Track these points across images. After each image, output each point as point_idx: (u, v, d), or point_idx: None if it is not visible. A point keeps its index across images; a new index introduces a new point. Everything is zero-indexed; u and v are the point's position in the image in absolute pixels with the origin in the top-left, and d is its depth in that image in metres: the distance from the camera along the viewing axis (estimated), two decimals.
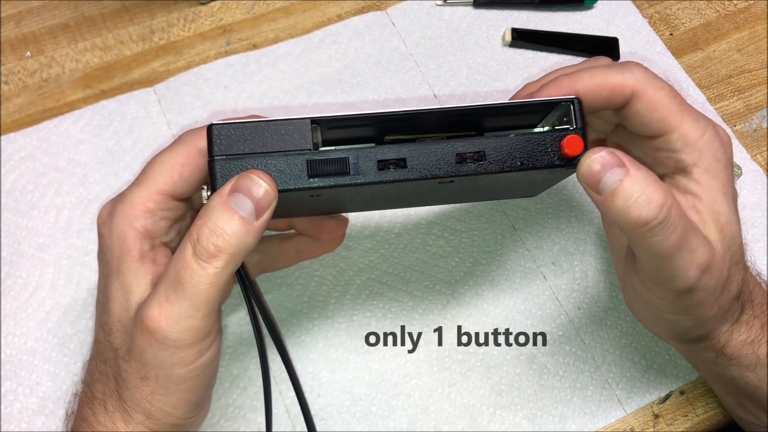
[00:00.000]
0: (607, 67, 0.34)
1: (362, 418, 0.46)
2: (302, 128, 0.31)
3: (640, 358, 0.48)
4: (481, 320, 0.49)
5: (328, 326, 0.49)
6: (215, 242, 0.29)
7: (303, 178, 0.30)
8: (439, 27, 0.61)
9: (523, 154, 0.31)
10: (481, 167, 0.31)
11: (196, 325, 0.31)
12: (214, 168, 0.30)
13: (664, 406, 0.47)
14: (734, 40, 0.62)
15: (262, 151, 0.30)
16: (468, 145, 0.31)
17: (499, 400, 0.47)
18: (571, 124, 0.32)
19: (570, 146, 0.31)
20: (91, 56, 0.59)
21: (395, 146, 0.31)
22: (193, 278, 0.30)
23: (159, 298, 0.30)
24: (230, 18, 0.61)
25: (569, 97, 0.33)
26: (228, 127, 0.31)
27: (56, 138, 0.55)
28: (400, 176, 0.31)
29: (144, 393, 0.32)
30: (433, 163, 0.31)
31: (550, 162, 0.31)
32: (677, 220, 0.31)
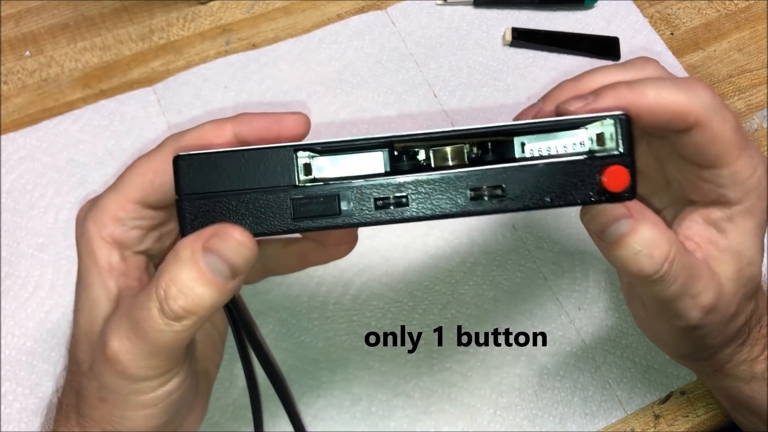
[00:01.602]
0: (672, 83, 0.29)
1: (362, 419, 0.46)
2: (284, 158, 0.27)
3: (641, 358, 0.48)
4: (482, 320, 0.49)
5: (328, 326, 0.49)
6: (184, 304, 0.27)
7: (286, 220, 0.26)
8: (439, 26, 0.61)
9: (552, 187, 0.26)
10: (501, 204, 0.26)
11: (155, 364, 0.29)
12: (182, 210, 0.27)
13: (665, 407, 0.47)
14: (735, 40, 0.61)
15: (238, 189, 0.26)
16: (485, 178, 0.26)
17: (500, 400, 0.47)
18: (615, 148, 0.27)
19: (613, 179, 0.26)
20: (91, 56, 0.58)
21: (396, 179, 0.26)
22: (157, 332, 0.27)
23: (120, 331, 0.28)
24: (230, 17, 0.61)
25: (615, 113, 0.27)
26: (197, 159, 0.27)
27: (56, 138, 0.55)
28: (401, 216, 0.26)
29: (103, 413, 0.30)
30: (442, 201, 0.26)
31: (586, 198, 0.26)
32: (679, 272, 0.30)
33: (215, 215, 0.27)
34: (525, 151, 0.28)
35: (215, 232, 0.27)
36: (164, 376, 0.29)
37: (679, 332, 0.33)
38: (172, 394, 0.30)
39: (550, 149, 0.28)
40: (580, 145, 0.27)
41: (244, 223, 0.26)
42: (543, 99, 0.32)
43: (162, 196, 0.31)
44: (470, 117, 0.57)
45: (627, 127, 0.27)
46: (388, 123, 0.56)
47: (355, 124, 0.56)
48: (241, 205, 0.27)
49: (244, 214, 0.27)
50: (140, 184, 0.30)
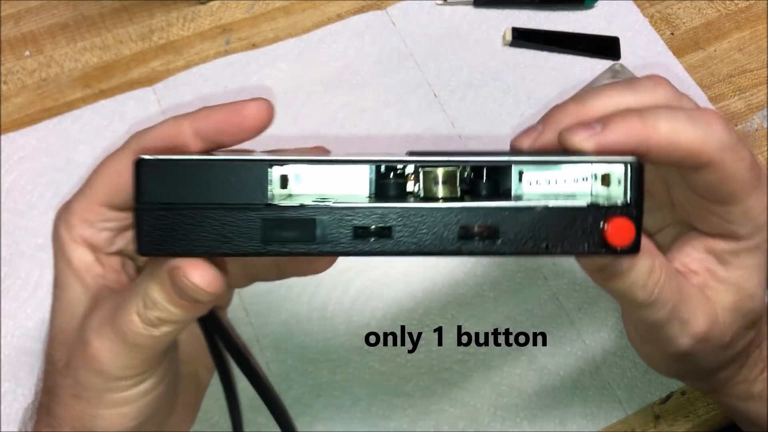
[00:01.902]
0: (686, 117, 0.27)
1: (362, 419, 0.46)
2: (258, 173, 0.24)
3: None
4: (482, 320, 0.49)
5: (328, 327, 0.49)
6: (158, 316, 0.27)
7: (255, 242, 0.24)
8: (439, 26, 0.61)
9: (550, 233, 0.24)
10: (493, 247, 0.24)
11: (133, 364, 0.28)
12: (140, 221, 0.24)
13: (665, 407, 0.47)
14: (735, 40, 0.61)
15: (204, 202, 0.24)
16: (478, 216, 0.24)
17: (500, 400, 0.47)
18: (623, 197, 0.24)
19: (617, 233, 0.24)
20: (90, 56, 0.58)
21: (381, 208, 0.24)
22: (136, 335, 0.27)
23: (101, 330, 0.28)
24: (230, 17, 0.61)
25: (627, 159, 0.24)
26: (161, 165, 0.24)
27: (55, 138, 0.55)
28: (382, 249, 0.24)
29: (75, 411, 0.30)
30: (428, 237, 0.24)
31: (585, 249, 0.24)
32: (668, 297, 0.29)
33: (176, 230, 0.24)
34: (522, 180, 0.26)
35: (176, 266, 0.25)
36: (140, 376, 0.29)
37: (670, 357, 0.32)
38: (148, 394, 0.30)
39: (550, 181, 0.26)
40: (583, 181, 0.25)
41: (207, 241, 0.24)
42: (543, 123, 0.29)
43: (127, 197, 0.29)
44: (471, 117, 0.57)
45: (638, 175, 0.24)
46: (384, 126, 0.56)
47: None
48: (206, 221, 0.24)
49: (208, 231, 0.24)
50: (105, 187, 0.30)
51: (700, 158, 0.27)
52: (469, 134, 0.56)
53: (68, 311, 0.30)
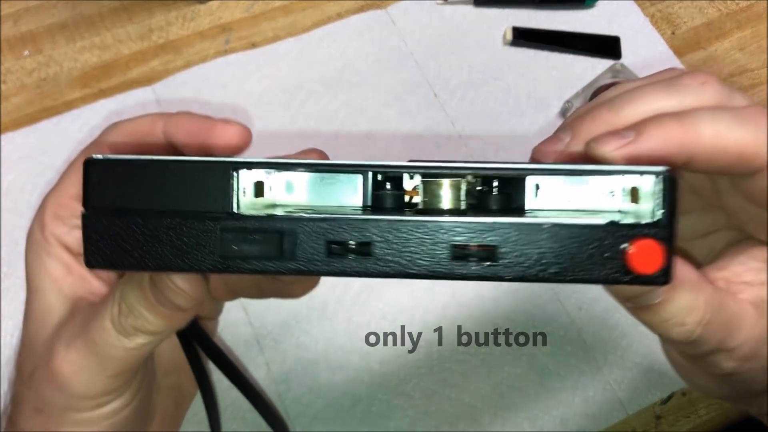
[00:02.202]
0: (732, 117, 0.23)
1: (362, 419, 0.46)
2: (220, 177, 0.21)
3: (642, 359, 0.48)
4: (482, 321, 0.49)
5: (327, 327, 0.48)
6: (133, 323, 0.25)
7: (213, 257, 0.21)
8: (439, 26, 0.60)
9: (561, 256, 0.20)
10: (490, 271, 0.21)
11: (100, 381, 0.27)
12: (86, 228, 0.21)
13: (666, 407, 0.47)
14: (736, 39, 0.61)
15: (158, 208, 0.21)
16: (473, 233, 0.21)
17: (500, 401, 0.46)
18: (651, 214, 0.20)
19: (643, 258, 0.20)
20: (90, 55, 0.58)
21: (360, 221, 0.21)
22: (108, 346, 0.25)
23: (69, 341, 0.26)
24: (229, 17, 0.60)
25: (657, 170, 0.20)
26: (113, 165, 0.21)
27: (55, 137, 0.54)
28: (360, 269, 0.21)
29: (36, 425, 0.28)
30: (414, 256, 0.21)
31: (603, 276, 0.20)
32: (713, 333, 0.25)
33: (126, 240, 0.21)
34: (539, 195, 0.22)
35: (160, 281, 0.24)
36: (107, 396, 0.27)
37: (716, 379, 0.28)
38: (115, 415, 0.28)
39: (572, 197, 0.22)
40: (611, 197, 0.21)
41: (161, 253, 0.21)
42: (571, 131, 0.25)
43: None
44: (471, 117, 0.57)
45: (671, 188, 0.20)
46: (384, 125, 0.56)
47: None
48: (160, 230, 0.21)
49: (162, 241, 0.21)
50: (76, 179, 0.28)
51: (753, 163, 0.23)
52: (470, 134, 0.56)
53: (40, 319, 0.29)
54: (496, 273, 0.21)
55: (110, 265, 0.22)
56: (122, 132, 0.28)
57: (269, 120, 0.56)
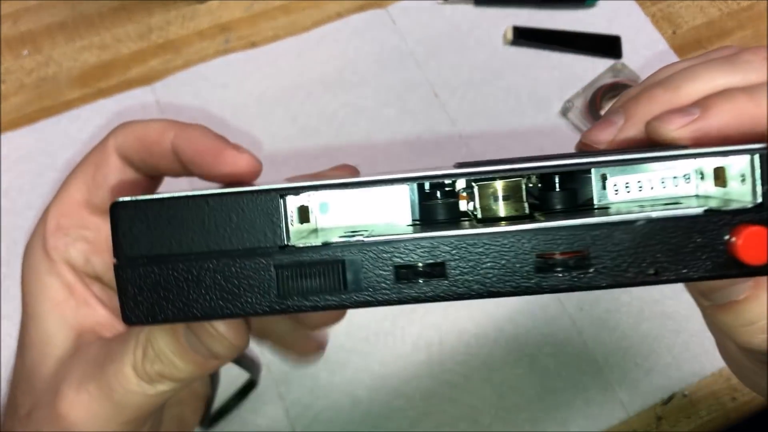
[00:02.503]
0: None
1: (363, 420, 0.46)
2: (266, 208, 0.19)
3: (643, 360, 0.48)
4: (483, 321, 0.49)
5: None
6: (160, 370, 0.23)
7: (269, 297, 0.19)
8: (440, 25, 0.60)
9: (659, 254, 0.18)
10: (583, 280, 0.18)
11: (111, 427, 0.24)
12: (122, 281, 0.19)
13: (667, 408, 0.47)
14: (737, 39, 0.61)
15: (200, 251, 0.19)
16: (558, 239, 0.18)
17: (501, 402, 0.46)
18: (752, 197, 0.19)
19: (751, 247, 0.18)
20: (89, 55, 0.58)
21: (427, 240, 0.19)
22: (126, 392, 0.23)
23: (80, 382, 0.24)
24: (229, 16, 0.60)
25: (752, 147, 0.19)
26: (144, 207, 0.19)
27: (54, 137, 0.54)
28: (434, 293, 0.19)
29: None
30: (494, 272, 0.18)
31: (708, 271, 0.18)
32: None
33: (169, 289, 0.19)
34: (607, 187, 0.20)
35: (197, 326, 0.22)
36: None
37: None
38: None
39: (642, 185, 0.20)
40: (685, 181, 0.20)
41: (209, 301, 0.19)
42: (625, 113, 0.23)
43: (105, 194, 0.26)
44: (472, 116, 0.56)
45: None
46: (384, 125, 0.56)
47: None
48: (205, 274, 0.19)
49: (209, 287, 0.19)
50: (81, 182, 0.26)
51: None
52: (470, 134, 0.56)
53: (39, 349, 0.26)
54: (590, 282, 0.18)
55: (153, 320, 0.19)
56: (131, 135, 0.26)
57: (269, 120, 0.56)
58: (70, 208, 0.26)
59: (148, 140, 0.25)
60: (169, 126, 0.25)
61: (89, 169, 0.26)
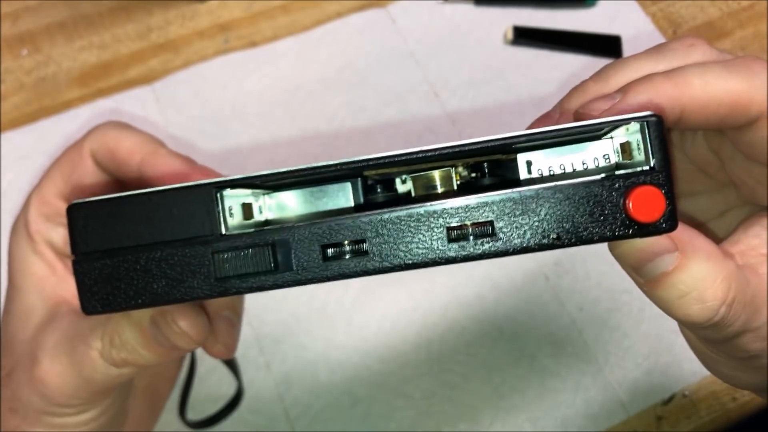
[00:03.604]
0: (722, 67, 0.22)
1: (363, 420, 0.46)
2: (203, 201, 0.20)
3: (643, 359, 0.48)
4: (483, 321, 0.49)
5: (327, 327, 0.48)
6: (125, 357, 0.25)
7: (208, 282, 0.20)
8: (440, 25, 0.60)
9: (560, 219, 0.20)
10: (491, 247, 0.20)
11: (81, 395, 0.27)
12: (79, 274, 0.21)
13: (668, 408, 0.47)
14: (738, 39, 0.61)
15: (147, 242, 0.21)
16: (466, 212, 0.20)
17: (501, 402, 0.46)
18: (645, 162, 0.20)
19: (642, 205, 0.20)
20: (88, 54, 0.58)
21: (350, 220, 0.20)
22: (93, 371, 0.26)
23: (54, 354, 0.27)
24: (229, 16, 0.60)
25: (640, 115, 0.20)
26: (95, 207, 0.21)
27: (53, 137, 0.54)
28: (357, 269, 0.20)
29: (9, 425, 0.28)
30: (410, 246, 0.20)
31: (607, 232, 0.20)
32: (739, 313, 0.23)
33: (121, 279, 0.21)
34: (532, 171, 0.22)
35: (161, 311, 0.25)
36: (85, 405, 0.28)
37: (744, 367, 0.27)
38: (90, 422, 0.29)
39: (565, 167, 0.22)
40: (604, 160, 0.21)
41: (155, 287, 0.21)
42: (560, 106, 0.25)
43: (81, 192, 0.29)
44: (471, 116, 0.56)
45: (658, 131, 0.20)
46: (384, 125, 0.56)
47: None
48: (152, 263, 0.21)
49: (156, 275, 0.21)
50: (59, 177, 0.29)
51: (748, 111, 0.22)
52: (470, 133, 0.56)
53: (21, 318, 0.29)
54: (497, 249, 0.20)
55: (108, 308, 0.21)
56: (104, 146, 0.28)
57: (269, 119, 0.56)
58: (48, 198, 0.29)
59: (118, 156, 0.28)
60: (138, 147, 0.27)
61: (66, 167, 0.29)
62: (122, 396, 0.31)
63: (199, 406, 0.42)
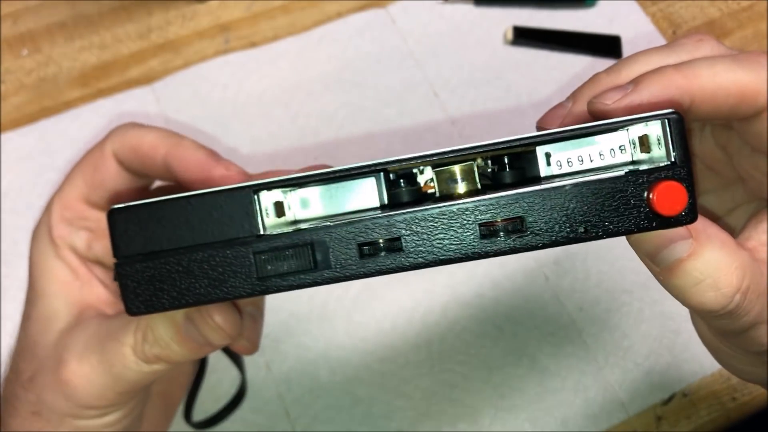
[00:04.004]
0: (731, 60, 0.23)
1: (363, 420, 0.46)
2: (242, 203, 0.21)
3: (643, 359, 0.48)
4: (483, 321, 0.49)
5: (327, 327, 0.48)
6: (158, 353, 0.26)
7: (251, 281, 0.21)
8: (440, 25, 0.60)
9: (587, 214, 0.21)
10: (522, 242, 0.21)
11: (108, 396, 0.28)
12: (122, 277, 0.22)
13: (667, 408, 0.47)
14: (738, 39, 0.61)
15: (188, 245, 0.21)
16: (498, 208, 0.21)
17: (501, 402, 0.46)
18: (666, 157, 0.21)
19: (666, 199, 0.20)
20: (89, 55, 0.58)
21: (384, 218, 0.21)
22: (124, 368, 0.26)
23: (83, 354, 0.27)
24: (229, 16, 0.60)
25: (662, 112, 0.21)
26: (136, 211, 0.22)
27: (54, 137, 0.54)
28: (395, 265, 0.21)
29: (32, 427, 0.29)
30: (444, 243, 0.21)
31: (632, 225, 0.21)
32: (754, 302, 0.24)
33: (163, 281, 0.22)
34: (551, 163, 0.23)
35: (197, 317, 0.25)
36: (110, 407, 0.28)
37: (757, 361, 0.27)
38: (113, 426, 0.29)
39: (583, 159, 0.22)
40: (620, 151, 0.22)
41: (199, 288, 0.22)
42: (572, 97, 0.26)
43: (104, 193, 0.29)
44: (471, 117, 0.56)
45: (679, 128, 0.21)
46: (384, 125, 0.56)
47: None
48: (194, 265, 0.21)
49: (198, 276, 0.21)
50: (81, 181, 0.29)
51: (757, 101, 0.23)
52: (470, 133, 0.56)
53: (44, 322, 0.29)
54: (527, 243, 0.21)
55: (152, 309, 0.22)
56: (126, 144, 0.28)
57: (269, 120, 0.56)
58: (71, 202, 0.29)
59: (141, 152, 0.28)
60: (161, 141, 0.28)
61: (88, 170, 0.29)
62: (143, 401, 0.31)
63: (200, 405, 0.43)
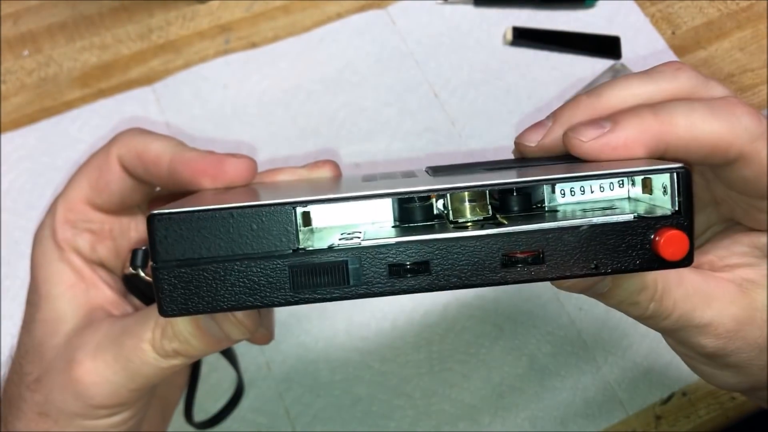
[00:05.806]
0: (706, 108, 0.24)
1: (363, 419, 0.46)
2: (281, 218, 0.22)
3: (642, 359, 0.48)
4: (483, 320, 0.49)
5: (327, 326, 0.48)
6: (177, 348, 0.26)
7: (284, 291, 0.23)
8: (439, 25, 0.60)
9: (599, 252, 0.23)
10: (539, 273, 0.23)
11: (121, 394, 0.28)
12: (159, 280, 0.22)
13: (666, 408, 0.47)
14: (736, 39, 0.61)
15: (226, 255, 0.22)
16: (519, 241, 0.23)
17: (501, 401, 0.46)
18: (670, 206, 0.23)
19: (671, 247, 0.22)
20: (89, 55, 0.58)
21: (415, 243, 0.23)
22: (142, 363, 0.27)
23: (96, 353, 0.27)
24: (229, 16, 0.60)
25: (673, 167, 0.22)
26: (177, 219, 0.22)
27: (54, 137, 0.54)
28: (420, 285, 0.23)
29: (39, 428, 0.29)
30: (468, 268, 0.23)
31: (636, 265, 0.23)
32: (670, 308, 0.26)
33: (199, 287, 0.22)
34: (555, 191, 0.25)
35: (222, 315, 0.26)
36: (120, 407, 0.28)
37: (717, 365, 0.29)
38: (120, 426, 0.29)
39: (585, 189, 0.25)
40: (619, 187, 0.24)
41: (233, 295, 0.23)
42: (554, 117, 0.27)
43: (108, 197, 0.30)
44: (471, 117, 0.57)
45: (687, 181, 0.22)
46: (384, 125, 0.56)
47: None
48: (231, 273, 0.22)
49: (234, 284, 0.22)
50: (86, 184, 0.29)
51: (729, 152, 0.24)
52: (470, 134, 0.56)
53: (51, 325, 0.29)
54: (544, 274, 0.23)
55: (185, 312, 0.23)
56: (132, 150, 0.29)
57: (269, 120, 0.56)
58: (75, 204, 0.29)
59: (146, 159, 0.28)
60: (167, 149, 0.28)
61: (93, 173, 0.29)
62: (149, 402, 0.31)
63: (201, 405, 0.43)
